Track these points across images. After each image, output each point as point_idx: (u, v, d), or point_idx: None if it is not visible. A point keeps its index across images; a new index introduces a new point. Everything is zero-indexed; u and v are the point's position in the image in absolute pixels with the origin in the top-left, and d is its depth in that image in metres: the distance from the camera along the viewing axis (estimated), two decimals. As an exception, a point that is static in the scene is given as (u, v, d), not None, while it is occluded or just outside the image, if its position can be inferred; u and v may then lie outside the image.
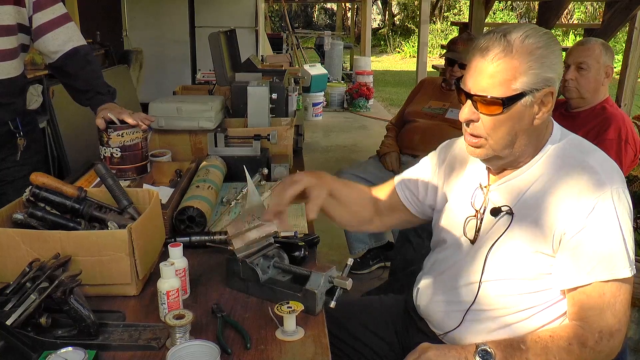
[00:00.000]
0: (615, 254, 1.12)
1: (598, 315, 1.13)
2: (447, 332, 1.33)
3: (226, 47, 2.93)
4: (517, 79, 1.12)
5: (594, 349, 1.13)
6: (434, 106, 3.09)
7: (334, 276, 1.23)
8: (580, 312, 1.15)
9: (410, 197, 1.47)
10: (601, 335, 1.13)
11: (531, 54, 1.12)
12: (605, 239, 1.12)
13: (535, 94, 1.13)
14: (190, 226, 1.58)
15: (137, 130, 1.87)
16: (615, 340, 1.14)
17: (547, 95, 1.15)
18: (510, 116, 1.14)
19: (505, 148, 1.19)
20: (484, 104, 1.15)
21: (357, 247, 3.06)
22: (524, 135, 1.18)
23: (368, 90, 8.37)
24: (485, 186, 1.30)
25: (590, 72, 2.35)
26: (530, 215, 1.19)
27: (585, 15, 15.58)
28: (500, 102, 1.13)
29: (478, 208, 1.29)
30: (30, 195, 1.35)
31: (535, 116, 1.16)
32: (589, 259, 1.13)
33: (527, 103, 1.14)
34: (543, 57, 1.12)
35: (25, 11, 1.81)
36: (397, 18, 19.84)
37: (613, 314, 1.13)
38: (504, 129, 1.16)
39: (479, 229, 1.28)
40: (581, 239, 1.13)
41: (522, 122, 1.16)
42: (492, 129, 1.17)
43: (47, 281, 1.09)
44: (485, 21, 4.82)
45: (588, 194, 1.13)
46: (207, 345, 0.98)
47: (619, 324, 1.14)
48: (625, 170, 2.37)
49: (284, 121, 2.47)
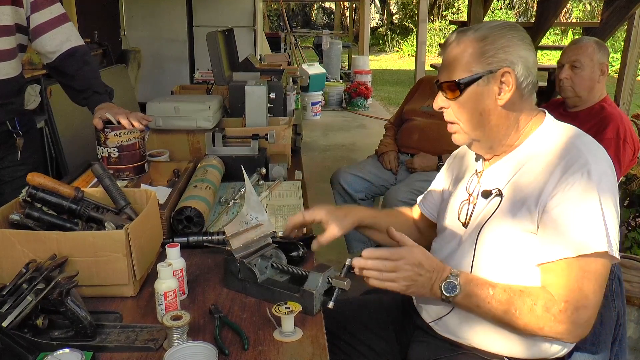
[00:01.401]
0: (593, 232, 1.12)
1: (566, 287, 1.13)
2: (440, 317, 1.33)
3: (224, 46, 2.92)
4: (471, 63, 1.22)
5: (555, 318, 1.12)
6: (432, 105, 3.08)
7: (332, 276, 1.22)
8: (551, 281, 1.15)
9: (432, 210, 1.54)
10: (567, 307, 1.12)
11: (482, 39, 1.22)
12: (583, 216, 1.12)
13: (491, 74, 1.21)
14: (188, 226, 1.57)
15: (134, 130, 1.86)
16: (580, 316, 1.12)
17: (504, 74, 1.21)
18: (469, 97, 1.24)
19: (476, 129, 1.27)
20: (447, 90, 1.27)
21: (357, 246, 3.05)
22: (492, 116, 1.25)
23: (366, 90, 8.37)
24: (480, 172, 1.35)
25: (584, 71, 2.35)
26: (517, 195, 1.22)
27: (584, 14, 15.59)
28: (455, 85, 1.24)
29: (471, 192, 1.34)
30: (27, 196, 1.34)
31: (497, 96, 1.23)
32: (566, 234, 1.13)
33: (484, 83, 1.22)
34: (495, 41, 1.21)
35: (23, 11, 1.80)
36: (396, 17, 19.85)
37: (581, 289, 1.12)
38: (467, 110, 1.26)
39: (472, 214, 1.32)
40: (558, 214, 1.14)
41: (483, 101, 1.24)
42: (459, 113, 1.28)
43: (43, 282, 1.08)
44: (484, 20, 4.82)
45: (571, 172, 1.15)
46: (204, 346, 0.98)
47: (586, 300, 1.12)
48: (624, 169, 2.37)
49: (282, 120, 2.47)
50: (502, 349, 1.27)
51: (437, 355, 1.34)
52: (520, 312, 1.15)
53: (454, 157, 1.53)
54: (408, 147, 3.05)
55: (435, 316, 1.36)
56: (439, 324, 1.35)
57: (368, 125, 7.23)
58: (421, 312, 1.41)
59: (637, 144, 2.34)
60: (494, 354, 1.28)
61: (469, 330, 1.30)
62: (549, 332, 1.15)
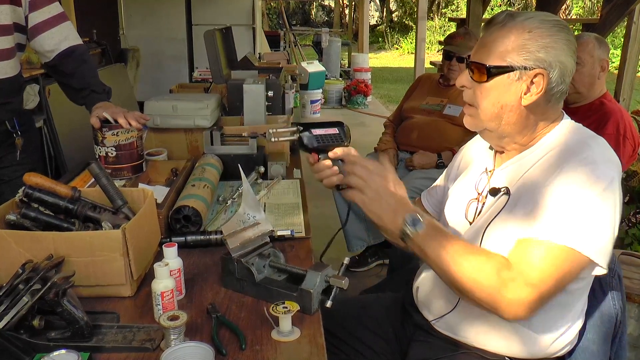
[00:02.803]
0: (574, 225, 1.09)
1: (527, 263, 1.10)
2: (442, 316, 1.32)
3: (222, 44, 2.91)
4: (509, 52, 1.16)
5: (502, 283, 1.09)
6: (431, 102, 3.08)
7: (330, 275, 1.21)
8: (516, 253, 1.13)
9: (435, 206, 1.52)
10: (517, 278, 1.09)
11: (529, 32, 1.15)
12: (571, 207, 1.10)
13: (525, 71, 1.16)
14: (186, 225, 1.57)
15: (132, 129, 1.86)
16: (526, 293, 1.09)
17: (537, 75, 1.16)
18: (495, 86, 1.19)
19: (492, 120, 1.22)
20: (475, 70, 1.21)
21: (356, 244, 3.04)
22: (512, 113, 1.20)
23: (366, 87, 8.35)
24: (490, 170, 1.32)
25: (584, 67, 2.34)
26: (524, 194, 1.19)
27: (584, 10, 15.56)
28: (484, 70, 1.18)
29: (480, 191, 1.31)
30: (23, 196, 1.33)
31: (523, 94, 1.18)
32: (545, 216, 1.11)
33: (514, 77, 1.17)
34: (540, 38, 1.15)
35: (22, 10, 1.80)
36: (395, 14, 19.82)
37: (540, 270, 1.09)
38: (489, 98, 1.20)
39: (480, 212, 1.29)
40: (546, 196, 1.12)
41: (507, 95, 1.19)
42: (479, 97, 1.22)
43: (40, 283, 1.07)
44: (483, 17, 4.81)
45: (576, 165, 1.12)
46: (201, 346, 0.97)
47: (540, 282, 1.09)
48: (623, 166, 2.37)
49: (280, 119, 2.46)
50: (502, 349, 1.26)
51: (438, 355, 1.33)
52: (470, 266, 1.12)
53: (462, 153, 1.50)
54: (407, 144, 3.05)
55: (437, 314, 1.35)
56: (440, 322, 1.35)
57: (367, 123, 7.21)
58: (422, 310, 1.40)
59: (637, 140, 2.33)
60: (494, 353, 1.27)
61: (470, 329, 1.29)
62: (489, 296, 1.11)
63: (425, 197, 1.56)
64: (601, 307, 1.34)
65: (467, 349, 1.30)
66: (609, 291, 1.34)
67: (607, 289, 1.34)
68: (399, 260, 2.68)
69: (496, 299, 1.11)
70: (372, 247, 3.15)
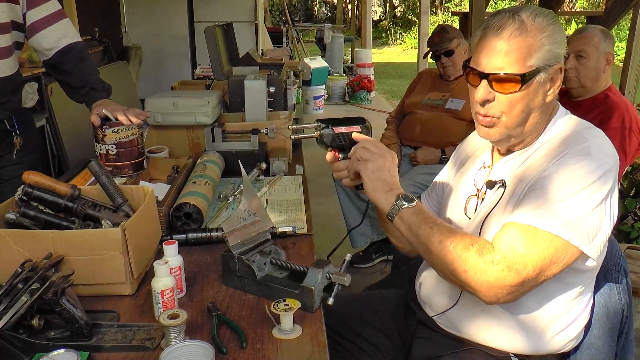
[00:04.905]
0: (562, 214, 1.08)
1: (510, 247, 1.09)
2: (444, 312, 1.32)
3: (223, 41, 2.90)
4: (533, 56, 1.14)
5: (484, 265, 1.08)
6: (433, 97, 3.06)
7: (332, 272, 1.20)
8: (503, 237, 1.11)
9: (435, 206, 1.49)
10: (500, 261, 1.08)
11: (543, 31, 1.15)
12: (561, 195, 1.09)
13: (549, 69, 1.16)
14: (187, 223, 1.56)
15: (132, 126, 1.85)
16: (509, 276, 1.08)
17: (557, 71, 1.17)
18: (527, 93, 1.16)
19: (519, 125, 1.20)
20: (500, 82, 1.16)
21: (360, 240, 3.03)
22: (536, 113, 1.19)
23: (369, 83, 8.33)
24: (489, 166, 1.32)
25: (590, 60, 2.31)
26: (519, 185, 1.18)
27: (588, 3, 15.46)
28: (519, 79, 1.14)
29: (480, 187, 1.31)
30: (22, 195, 1.32)
31: (547, 93, 1.18)
32: (535, 202, 1.11)
33: (542, 79, 1.16)
34: (553, 34, 1.15)
35: (19, 8, 1.79)
36: (398, 10, 19.76)
37: (523, 255, 1.08)
38: (519, 106, 1.17)
39: (479, 207, 1.29)
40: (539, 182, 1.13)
41: (536, 98, 1.18)
42: (508, 107, 1.18)
43: (39, 282, 1.07)
44: (486, 11, 4.77)
45: (570, 155, 1.13)
46: (201, 345, 0.96)
47: (523, 267, 1.08)
48: (629, 159, 2.34)
49: (282, 115, 2.45)
50: (506, 345, 1.25)
51: (442, 352, 1.32)
52: (454, 247, 1.11)
53: (458, 148, 1.50)
54: (410, 140, 3.03)
55: (438, 310, 1.34)
56: (442, 318, 1.34)
57: (371, 119, 7.04)
58: (424, 306, 1.39)
59: (644, 133, 2.31)
60: (498, 350, 1.26)
61: (472, 325, 1.28)
62: (471, 278, 1.10)
63: (425, 198, 1.56)
64: (607, 302, 1.32)
65: (470, 345, 1.29)
66: (614, 286, 1.32)
67: (612, 283, 1.32)
68: (402, 256, 2.67)
69: (478, 280, 1.10)
70: (375, 243, 3.13)
